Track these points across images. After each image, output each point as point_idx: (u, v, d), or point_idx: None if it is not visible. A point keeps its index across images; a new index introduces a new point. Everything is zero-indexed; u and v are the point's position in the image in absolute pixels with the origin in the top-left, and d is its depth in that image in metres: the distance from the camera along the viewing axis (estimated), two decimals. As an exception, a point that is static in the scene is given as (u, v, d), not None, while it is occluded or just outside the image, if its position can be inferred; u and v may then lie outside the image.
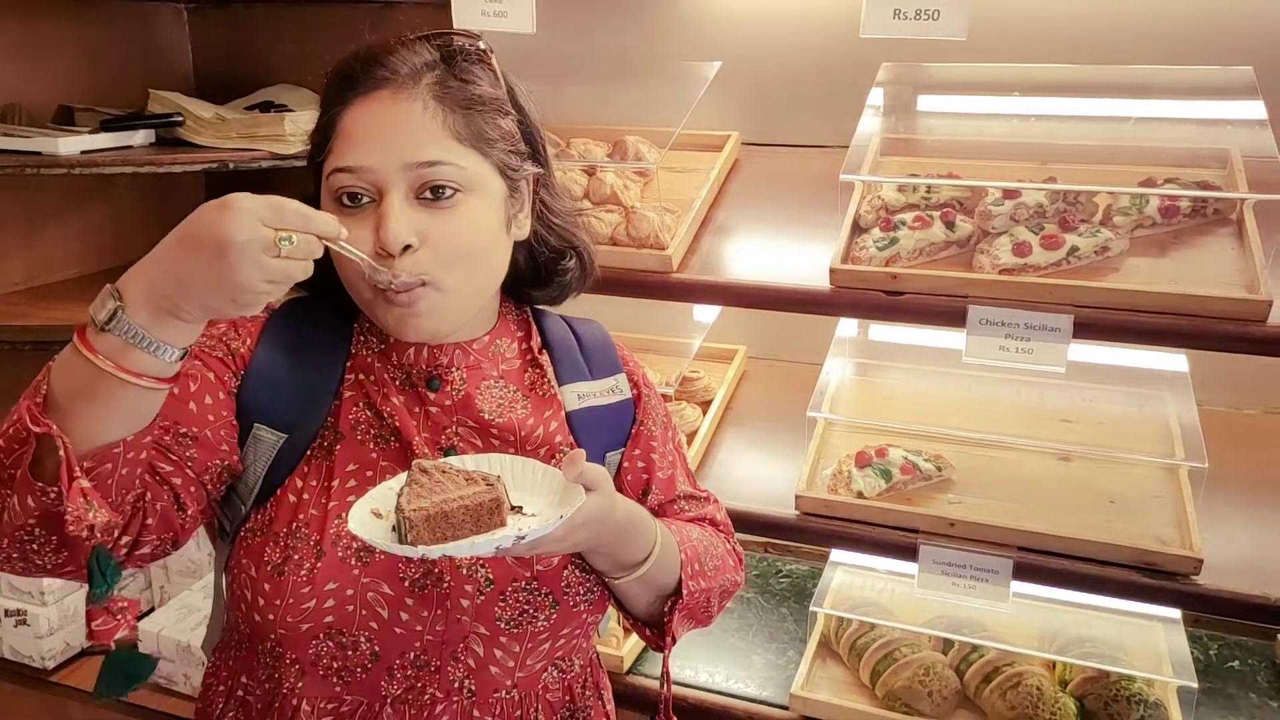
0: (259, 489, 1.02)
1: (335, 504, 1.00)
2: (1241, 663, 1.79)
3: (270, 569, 0.99)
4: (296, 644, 0.99)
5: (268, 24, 2.27)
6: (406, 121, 0.96)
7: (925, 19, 1.42)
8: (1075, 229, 1.50)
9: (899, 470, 1.62)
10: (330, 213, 0.96)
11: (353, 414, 1.05)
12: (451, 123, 0.98)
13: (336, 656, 1.00)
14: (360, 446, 1.04)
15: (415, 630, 1.00)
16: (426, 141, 0.96)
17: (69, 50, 2.09)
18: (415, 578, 1.00)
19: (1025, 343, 1.43)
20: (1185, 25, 1.67)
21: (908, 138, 1.77)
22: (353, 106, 0.98)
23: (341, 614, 0.98)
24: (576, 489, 0.92)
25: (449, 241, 0.97)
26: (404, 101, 0.97)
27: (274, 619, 0.98)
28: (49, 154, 1.76)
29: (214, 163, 1.82)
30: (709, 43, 1.96)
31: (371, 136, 0.96)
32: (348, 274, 1.00)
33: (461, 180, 0.97)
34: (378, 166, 0.95)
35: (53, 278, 2.11)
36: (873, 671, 1.69)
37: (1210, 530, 1.48)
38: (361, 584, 0.98)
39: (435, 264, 0.96)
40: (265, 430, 1.02)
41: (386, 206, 0.95)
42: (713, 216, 1.79)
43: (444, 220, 0.97)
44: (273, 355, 1.04)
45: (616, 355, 1.19)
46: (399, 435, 1.04)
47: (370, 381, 1.06)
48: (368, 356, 1.07)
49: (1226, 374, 1.77)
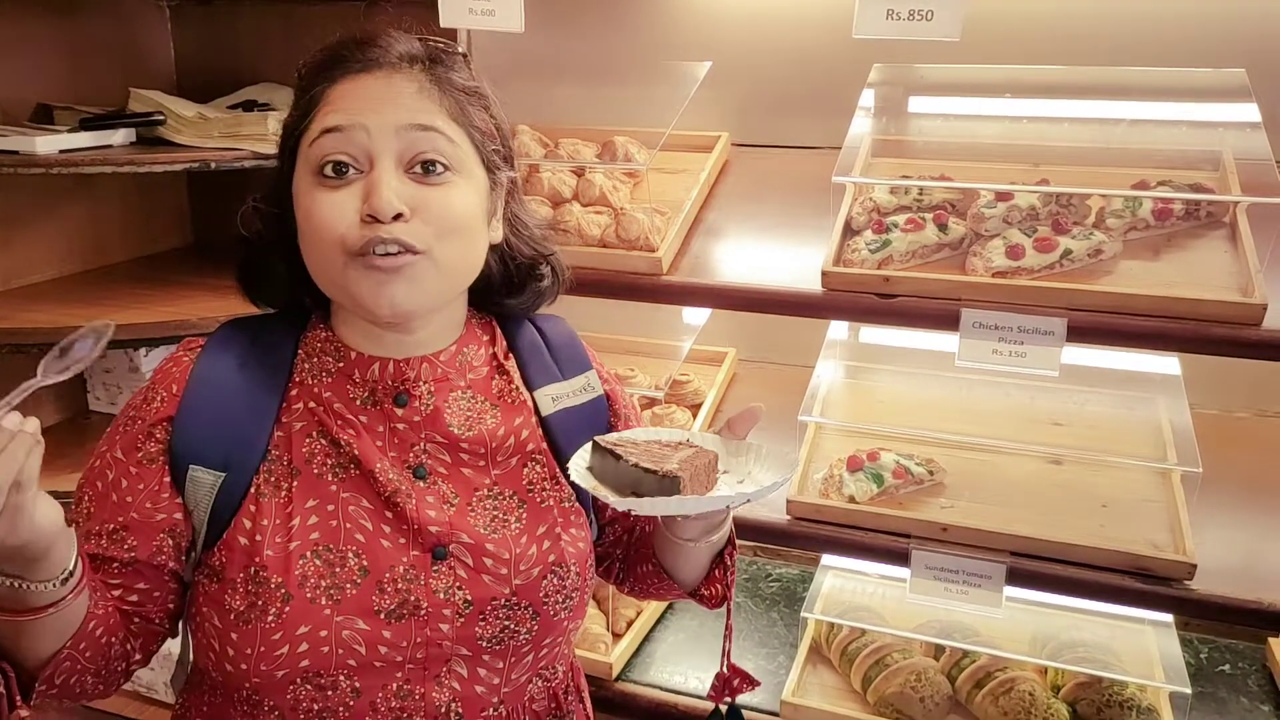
0: (205, 532, 0.98)
1: (298, 544, 0.96)
2: (1232, 666, 1.78)
3: (234, 617, 0.95)
4: (273, 691, 0.96)
5: (251, 22, 2.24)
6: (403, 92, 0.95)
7: (919, 19, 1.40)
8: (1068, 231, 1.49)
9: (891, 474, 1.61)
10: (310, 190, 0.94)
11: (306, 446, 1.00)
12: (445, 102, 0.97)
13: (316, 699, 0.96)
14: (318, 480, 0.99)
15: (395, 661, 0.97)
16: (421, 110, 0.95)
17: (48, 47, 2.05)
18: (390, 608, 0.97)
19: (1018, 346, 1.42)
20: (1178, 27, 1.67)
21: (900, 139, 1.75)
22: (342, 82, 0.95)
23: (317, 656, 0.94)
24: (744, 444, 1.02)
25: (441, 214, 0.94)
26: (399, 77, 0.95)
27: (247, 668, 0.94)
28: (26, 153, 1.72)
29: (196, 162, 1.79)
30: (699, 42, 1.94)
31: (363, 102, 0.94)
32: (319, 242, 0.94)
33: (453, 157, 0.95)
34: (371, 126, 0.92)
35: (31, 279, 2.07)
36: (864, 677, 1.68)
37: (1203, 535, 1.48)
38: (335, 623, 0.95)
39: (427, 233, 0.94)
40: (201, 471, 0.97)
41: (378, 173, 0.92)
42: (703, 218, 1.77)
43: (435, 194, 0.95)
44: (203, 392, 0.99)
45: (584, 351, 1.17)
46: (359, 463, 1.00)
47: (322, 410, 1.01)
48: (315, 384, 1.02)
49: (1219, 377, 1.77)
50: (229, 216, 1.05)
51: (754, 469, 1.00)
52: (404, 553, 0.98)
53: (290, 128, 0.99)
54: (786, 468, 0.98)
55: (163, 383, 1.00)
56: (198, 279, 2.06)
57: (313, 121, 0.95)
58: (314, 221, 0.94)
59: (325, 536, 0.97)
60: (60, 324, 1.77)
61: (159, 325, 1.77)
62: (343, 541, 0.97)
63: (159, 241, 2.33)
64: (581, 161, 1.78)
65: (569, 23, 2.01)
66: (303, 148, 0.96)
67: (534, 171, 1.79)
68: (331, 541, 0.97)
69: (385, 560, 0.98)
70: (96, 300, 1.93)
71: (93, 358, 0.86)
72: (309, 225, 0.95)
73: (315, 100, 0.96)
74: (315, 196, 0.94)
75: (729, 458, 1.02)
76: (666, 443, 1.00)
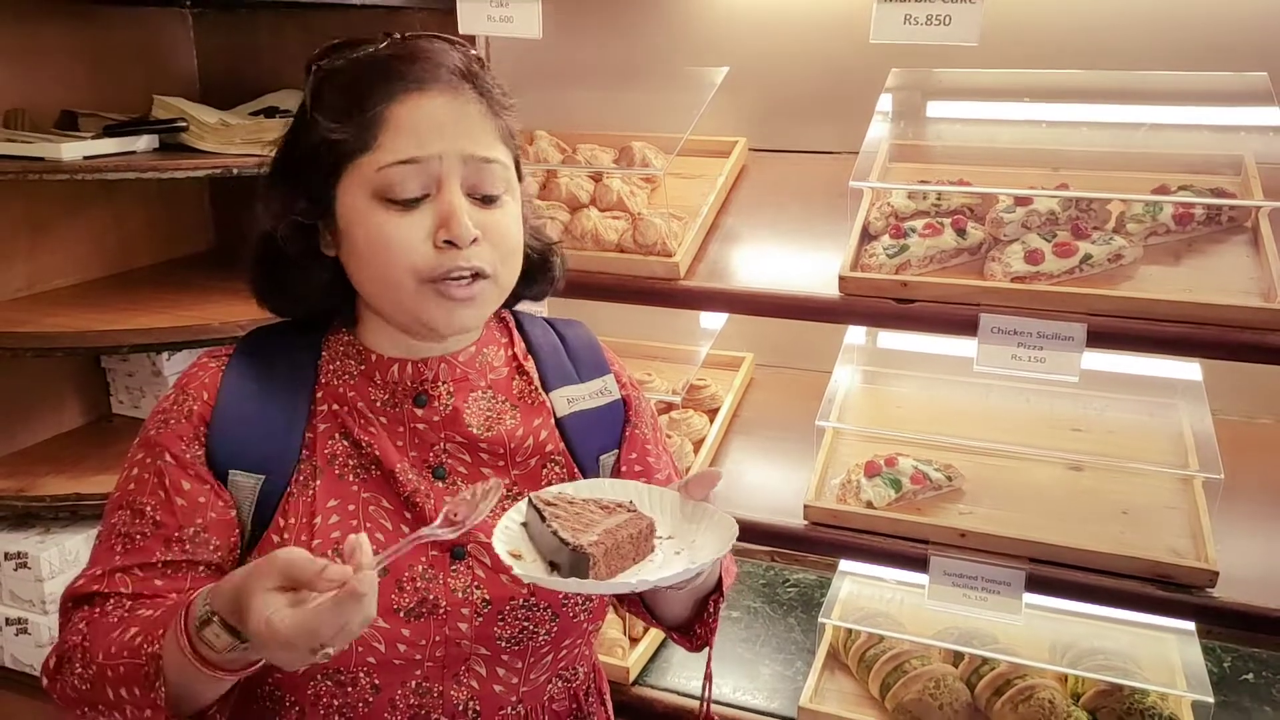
0: (249, 534, 0.99)
1: (319, 542, 0.97)
2: (1256, 675, 1.76)
3: None
4: (294, 687, 0.97)
5: (272, 29, 2.26)
6: (468, 115, 0.96)
7: (937, 24, 1.40)
8: (1088, 236, 1.48)
9: (909, 480, 1.60)
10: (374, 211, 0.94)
11: (329, 447, 1.01)
12: (496, 124, 0.98)
13: (336, 695, 0.97)
14: (339, 481, 1.00)
15: (414, 659, 0.98)
16: (484, 139, 0.97)
17: (73, 55, 2.08)
18: (410, 607, 0.97)
19: (1038, 351, 1.41)
20: (1199, 31, 1.66)
21: (917, 144, 1.75)
22: (403, 102, 0.94)
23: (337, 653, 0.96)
24: (701, 506, 0.97)
25: (503, 238, 0.98)
26: (461, 98, 0.96)
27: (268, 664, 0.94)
28: (52, 159, 1.75)
29: (218, 168, 1.81)
30: (716, 48, 1.94)
31: (433, 128, 0.94)
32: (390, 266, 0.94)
33: (507, 181, 0.99)
34: (445, 154, 0.94)
35: (55, 284, 2.10)
36: (882, 684, 1.67)
37: (1225, 542, 1.46)
38: None
39: (494, 257, 0.97)
40: (241, 475, 0.99)
41: (451, 199, 0.94)
42: (720, 223, 1.77)
43: (495, 217, 0.97)
44: (235, 397, 1.00)
45: (603, 356, 1.17)
46: (379, 464, 1.01)
47: (345, 411, 1.02)
48: (339, 385, 1.03)
49: (1240, 383, 1.75)
50: (250, 222, 1.05)
51: (699, 537, 0.95)
52: (423, 552, 0.99)
53: (342, 145, 0.95)
54: (721, 543, 0.91)
55: (194, 390, 1.01)
56: (220, 283, 2.07)
57: (379, 146, 0.94)
58: (384, 244, 0.94)
59: (346, 535, 0.98)
60: (84, 328, 1.79)
61: (182, 329, 1.79)
62: None
63: (181, 246, 2.35)
64: (599, 167, 1.78)
65: (586, 28, 2.02)
66: (363, 168, 0.94)
67: (552, 177, 1.80)
68: None
69: (405, 559, 0.98)
70: (120, 305, 1.95)
71: (484, 513, 0.90)
72: (376, 248, 0.95)
73: (377, 120, 0.94)
74: (383, 219, 0.94)
75: (682, 522, 0.97)
76: (606, 504, 0.94)
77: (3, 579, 1.88)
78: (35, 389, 2.11)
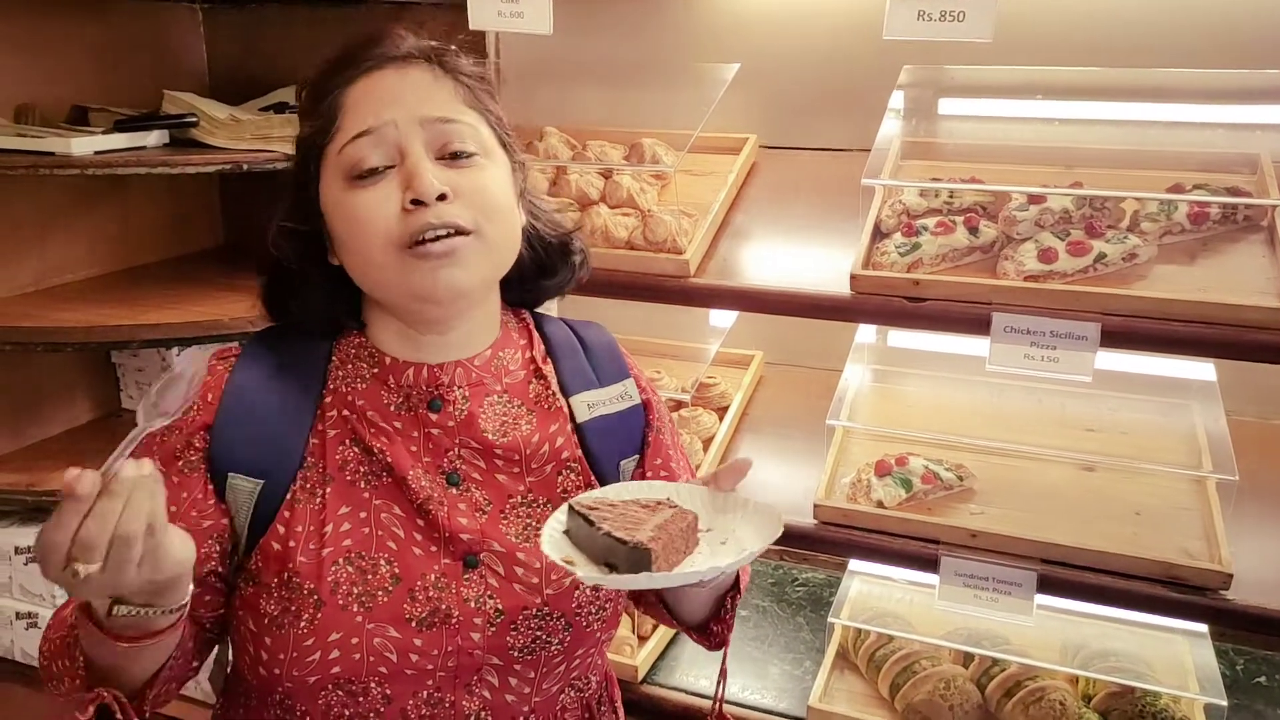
0: (246, 537, 0.99)
1: (330, 550, 0.96)
2: (1269, 678, 1.75)
3: (268, 622, 0.95)
4: (305, 696, 0.97)
5: (282, 24, 2.26)
6: (419, 84, 0.96)
7: (950, 20, 1.39)
8: (1102, 235, 1.47)
9: (919, 479, 1.59)
10: (345, 195, 0.94)
11: (339, 453, 1.00)
12: (459, 91, 0.98)
13: (348, 705, 0.97)
14: (351, 488, 0.99)
15: (426, 669, 0.97)
16: (440, 101, 0.96)
17: (83, 50, 2.08)
18: (421, 616, 0.97)
19: (1051, 351, 1.40)
20: (1214, 28, 1.64)
21: (930, 141, 1.74)
22: (356, 84, 0.96)
23: (349, 663, 0.95)
24: (731, 496, 0.95)
25: (479, 195, 0.96)
26: (412, 70, 0.96)
27: (279, 673, 0.95)
28: (62, 154, 1.75)
29: (228, 164, 1.81)
30: (727, 44, 1.93)
31: (385, 98, 0.95)
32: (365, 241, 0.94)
33: (478, 142, 0.97)
34: (399, 119, 0.94)
35: (65, 279, 2.10)
36: (892, 684, 1.67)
37: (1239, 544, 1.45)
38: (366, 630, 0.95)
39: (472, 212, 0.95)
40: (240, 478, 0.98)
41: (413, 160, 0.93)
42: (730, 220, 1.76)
43: (470, 175, 0.96)
44: (240, 400, 1.00)
45: (623, 359, 1.16)
46: (391, 471, 1.00)
47: (355, 418, 1.01)
48: (349, 391, 1.02)
49: (1255, 383, 1.73)
50: (260, 218, 1.05)
51: (739, 527, 0.95)
52: (435, 560, 0.98)
53: (310, 140, 0.98)
54: (770, 529, 0.91)
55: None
56: (229, 279, 2.08)
57: (338, 129, 0.95)
58: (357, 222, 0.94)
59: (358, 544, 0.97)
60: (94, 323, 1.79)
61: (191, 325, 1.79)
62: (375, 549, 0.98)
63: (191, 242, 2.35)
64: (609, 163, 1.77)
65: (597, 25, 2.01)
66: (330, 156, 0.96)
67: (561, 173, 1.79)
68: (364, 549, 0.97)
69: (417, 568, 0.98)
70: (130, 300, 1.95)
71: (192, 395, 0.86)
72: (351, 228, 0.95)
73: (334, 107, 0.96)
74: (353, 198, 0.94)
75: (714, 514, 0.96)
76: (645, 503, 0.94)
77: (13, 573, 1.89)
78: (46, 384, 2.11)
